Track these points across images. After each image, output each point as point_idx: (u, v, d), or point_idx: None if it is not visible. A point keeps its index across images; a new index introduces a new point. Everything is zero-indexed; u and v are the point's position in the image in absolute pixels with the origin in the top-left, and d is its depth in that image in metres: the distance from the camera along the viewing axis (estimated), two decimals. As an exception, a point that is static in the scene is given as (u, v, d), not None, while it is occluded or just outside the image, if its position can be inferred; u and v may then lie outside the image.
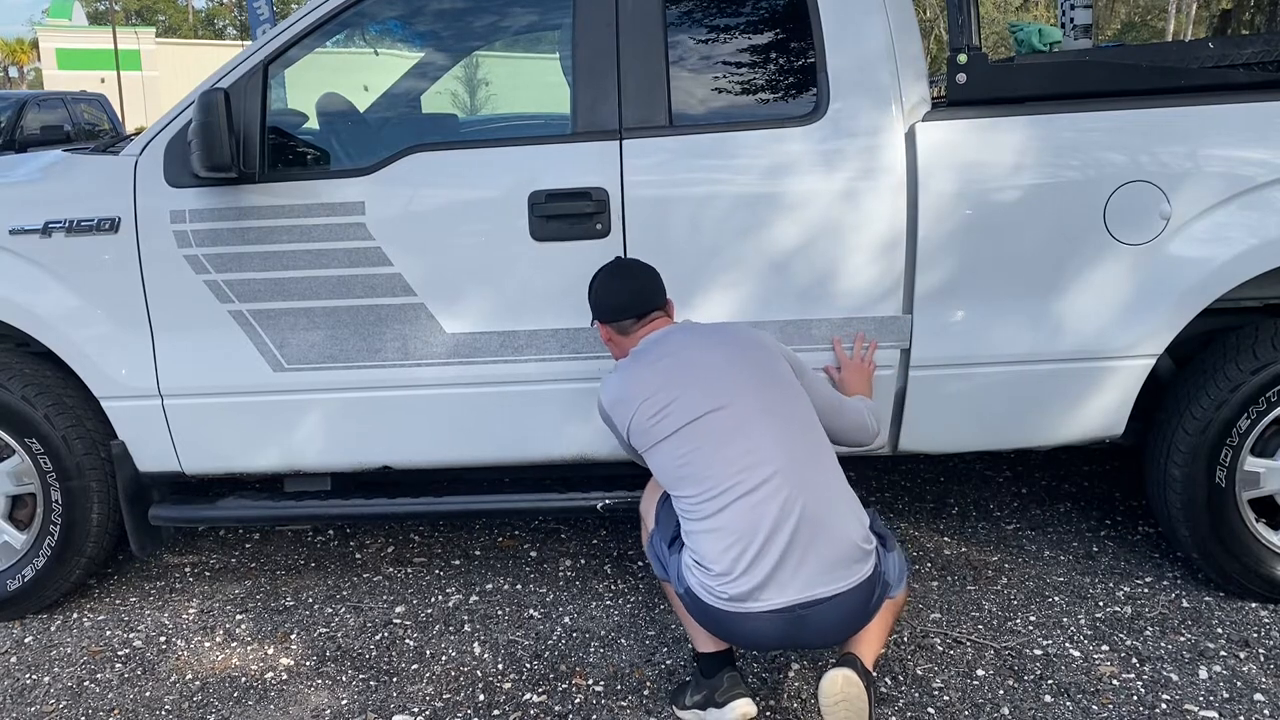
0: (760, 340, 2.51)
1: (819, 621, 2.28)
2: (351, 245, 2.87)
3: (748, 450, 2.29)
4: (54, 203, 2.95)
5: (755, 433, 2.31)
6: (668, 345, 2.48)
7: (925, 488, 3.94)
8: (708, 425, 2.33)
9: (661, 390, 2.38)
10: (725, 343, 2.47)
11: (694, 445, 2.33)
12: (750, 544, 2.24)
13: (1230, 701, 2.54)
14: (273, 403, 2.97)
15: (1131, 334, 2.82)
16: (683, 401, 2.35)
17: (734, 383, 2.38)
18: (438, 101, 3.94)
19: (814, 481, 2.31)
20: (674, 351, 2.45)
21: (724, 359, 2.42)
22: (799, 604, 2.25)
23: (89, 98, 15.25)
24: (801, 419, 2.40)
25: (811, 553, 2.25)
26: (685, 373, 2.40)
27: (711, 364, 2.41)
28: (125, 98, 31.75)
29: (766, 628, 2.30)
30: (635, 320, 2.56)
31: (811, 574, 2.25)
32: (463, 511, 3.20)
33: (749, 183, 2.84)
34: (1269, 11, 10.57)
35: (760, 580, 2.24)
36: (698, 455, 2.32)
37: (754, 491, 2.26)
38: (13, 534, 3.13)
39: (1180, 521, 2.94)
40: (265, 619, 3.13)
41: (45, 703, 2.73)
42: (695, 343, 2.48)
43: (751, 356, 2.45)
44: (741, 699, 2.38)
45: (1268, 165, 2.75)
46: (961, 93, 2.86)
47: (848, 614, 2.31)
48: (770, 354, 2.48)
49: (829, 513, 2.29)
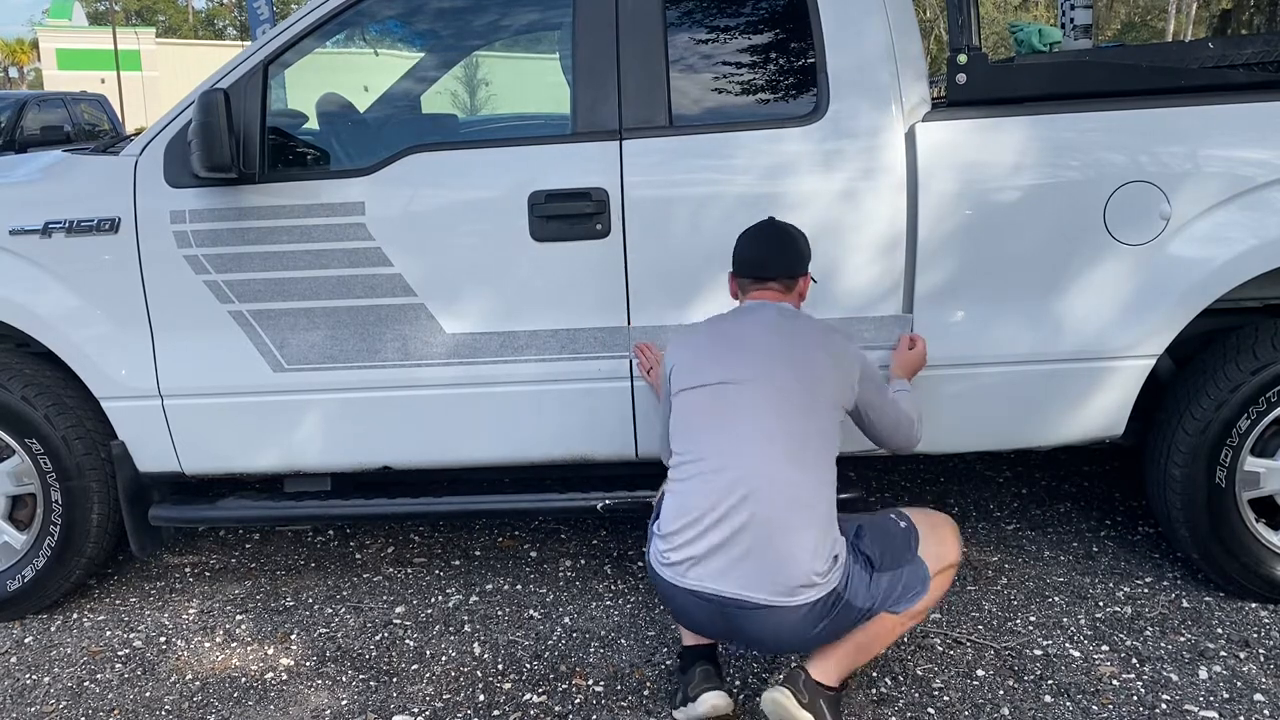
0: (824, 345, 2.46)
1: (751, 625, 2.28)
2: (351, 245, 2.87)
3: (734, 439, 2.32)
4: (54, 203, 2.95)
5: (749, 424, 2.33)
6: (744, 316, 2.54)
7: (925, 488, 3.94)
8: (718, 394, 2.38)
9: (710, 350, 2.47)
10: (785, 333, 2.46)
11: (701, 409, 2.40)
12: (699, 519, 2.28)
13: (1230, 702, 2.54)
14: (273, 403, 2.97)
15: (1131, 334, 2.82)
16: (713, 366, 2.43)
17: (760, 369, 2.39)
18: (437, 102, 3.94)
19: (784, 493, 2.27)
20: (742, 323, 2.51)
21: (770, 345, 2.44)
22: (729, 599, 2.25)
23: (89, 98, 15.26)
24: (803, 432, 2.35)
25: (753, 557, 2.24)
26: (733, 342, 2.47)
27: (756, 344, 2.44)
28: (125, 98, 31.75)
29: (700, 611, 2.32)
30: (752, 281, 2.59)
31: (746, 576, 2.24)
32: (463, 511, 3.20)
33: (749, 183, 2.84)
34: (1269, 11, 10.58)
35: (696, 554, 2.27)
36: (698, 420, 2.40)
37: (718, 474, 2.29)
38: (13, 534, 3.13)
39: (1180, 521, 2.94)
40: (265, 619, 3.13)
41: (45, 703, 2.73)
42: (763, 321, 2.49)
43: (798, 358, 2.41)
44: (711, 692, 2.38)
45: (1268, 165, 2.75)
46: (961, 93, 2.86)
47: (784, 630, 2.28)
48: (819, 366, 2.41)
49: (786, 529, 2.24)
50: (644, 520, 2.72)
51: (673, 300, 2.88)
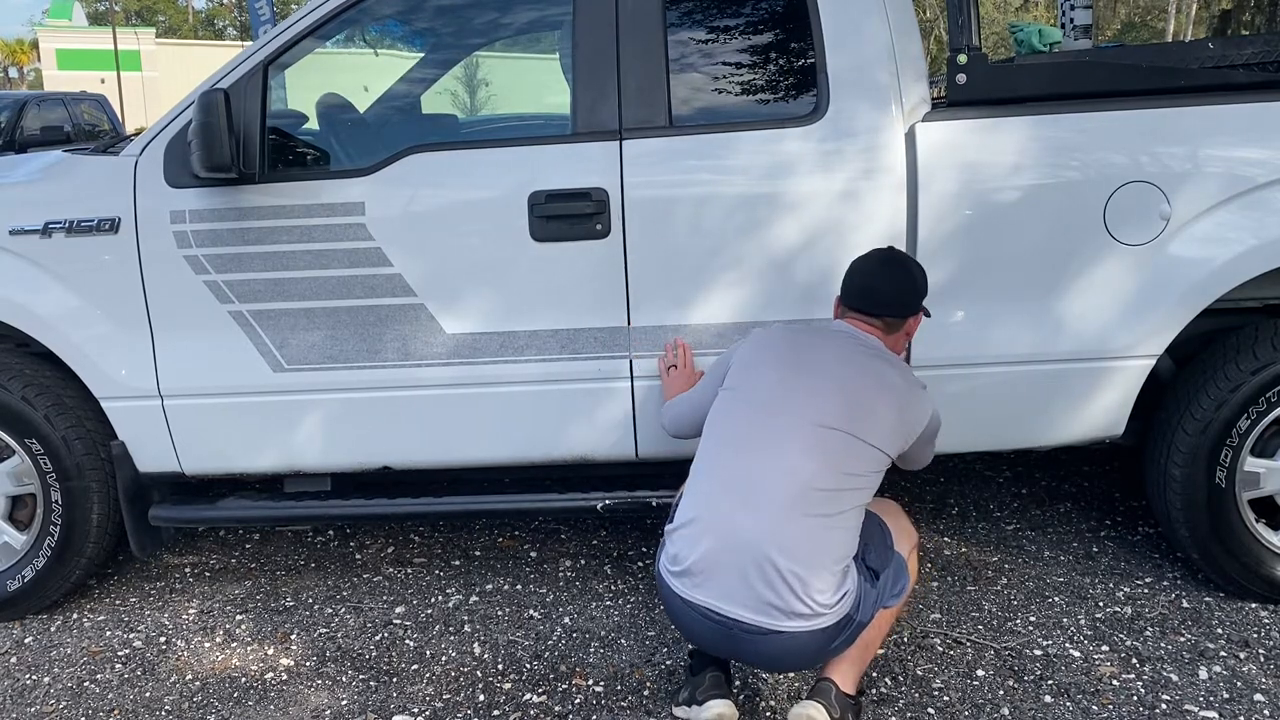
0: (897, 396, 2.40)
1: (760, 647, 2.25)
2: (351, 246, 2.87)
3: (762, 469, 2.28)
4: (54, 203, 2.95)
5: (780, 462, 2.28)
6: (827, 339, 2.49)
7: (925, 488, 3.94)
8: (761, 417, 2.37)
9: (777, 360, 2.46)
10: (855, 378, 2.39)
11: (742, 419, 2.39)
12: (708, 531, 2.27)
13: (1230, 702, 2.54)
14: (273, 403, 2.96)
15: (1131, 334, 2.82)
16: (771, 382, 2.41)
17: (810, 413, 2.32)
18: (437, 102, 3.94)
19: (794, 542, 2.21)
20: (820, 346, 2.47)
21: (831, 390, 2.36)
22: (739, 623, 2.22)
23: (89, 98, 15.27)
24: (831, 484, 2.28)
25: (761, 587, 2.20)
26: (800, 365, 2.43)
27: (818, 382, 2.37)
28: (125, 98, 31.74)
29: (705, 628, 2.28)
30: (856, 313, 2.55)
31: (760, 604, 2.21)
32: (463, 512, 3.20)
33: (749, 183, 2.83)
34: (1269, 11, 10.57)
35: (705, 570, 2.24)
36: (736, 428, 2.38)
37: (735, 496, 2.27)
38: (13, 534, 3.13)
39: (1180, 521, 2.94)
40: (265, 619, 3.13)
41: (45, 703, 2.73)
42: (839, 357, 2.43)
43: (859, 405, 2.35)
44: (719, 700, 2.35)
45: (1268, 165, 2.75)
46: (961, 93, 2.86)
47: (793, 653, 2.27)
48: (879, 418, 2.35)
49: (792, 573, 2.19)
50: (644, 520, 2.72)
51: (673, 300, 2.88)
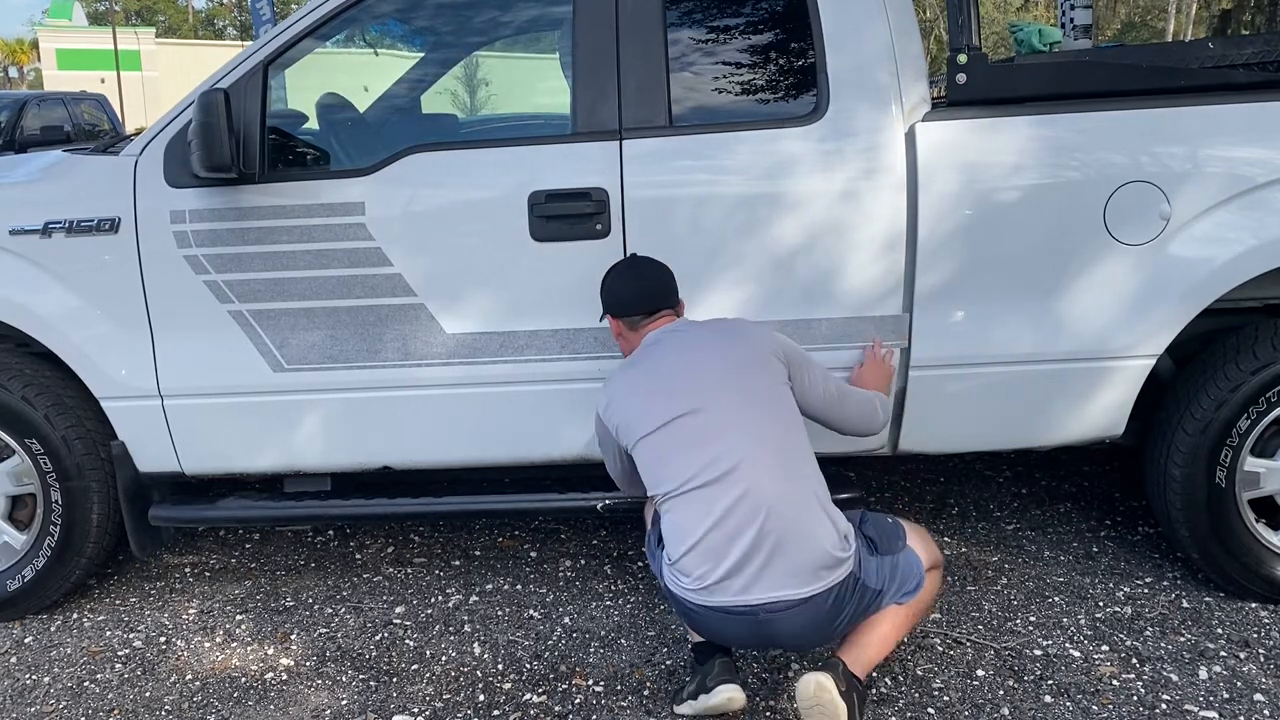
0: (753, 337, 2.53)
1: (785, 625, 2.30)
2: (351, 246, 2.87)
3: (717, 454, 2.32)
4: (54, 203, 2.95)
5: (728, 436, 2.34)
6: (664, 346, 2.54)
7: (925, 488, 3.94)
8: (683, 427, 2.38)
9: (646, 390, 2.47)
10: (715, 343, 2.50)
11: (670, 445, 2.39)
12: (711, 538, 2.28)
13: (1230, 702, 2.54)
14: (273, 403, 2.96)
15: (1131, 334, 2.82)
16: (664, 402, 2.42)
17: (715, 385, 2.42)
18: (437, 101, 3.94)
19: (785, 486, 2.32)
20: (666, 352, 2.52)
21: (710, 360, 2.46)
22: (762, 605, 2.27)
23: (89, 98, 15.26)
24: (780, 422, 2.42)
25: (778, 556, 2.26)
26: (671, 374, 2.47)
27: (697, 365, 2.46)
28: (125, 98, 31.74)
29: (732, 626, 2.33)
30: (643, 317, 2.62)
31: (777, 576, 2.26)
32: (463, 511, 3.20)
33: (749, 183, 2.83)
34: (1269, 11, 10.57)
35: (721, 575, 2.27)
36: (672, 454, 2.39)
37: (717, 489, 2.30)
38: (13, 534, 3.13)
39: (1180, 521, 2.94)
40: (265, 619, 3.13)
41: (45, 703, 2.73)
42: (688, 343, 2.52)
43: (739, 356, 2.47)
44: (728, 684, 2.40)
45: (1268, 165, 2.75)
46: (961, 93, 2.85)
47: (812, 624, 2.31)
48: (759, 354, 2.49)
49: (798, 517, 2.30)
50: (644, 520, 2.72)
51: (683, 300, 2.88)
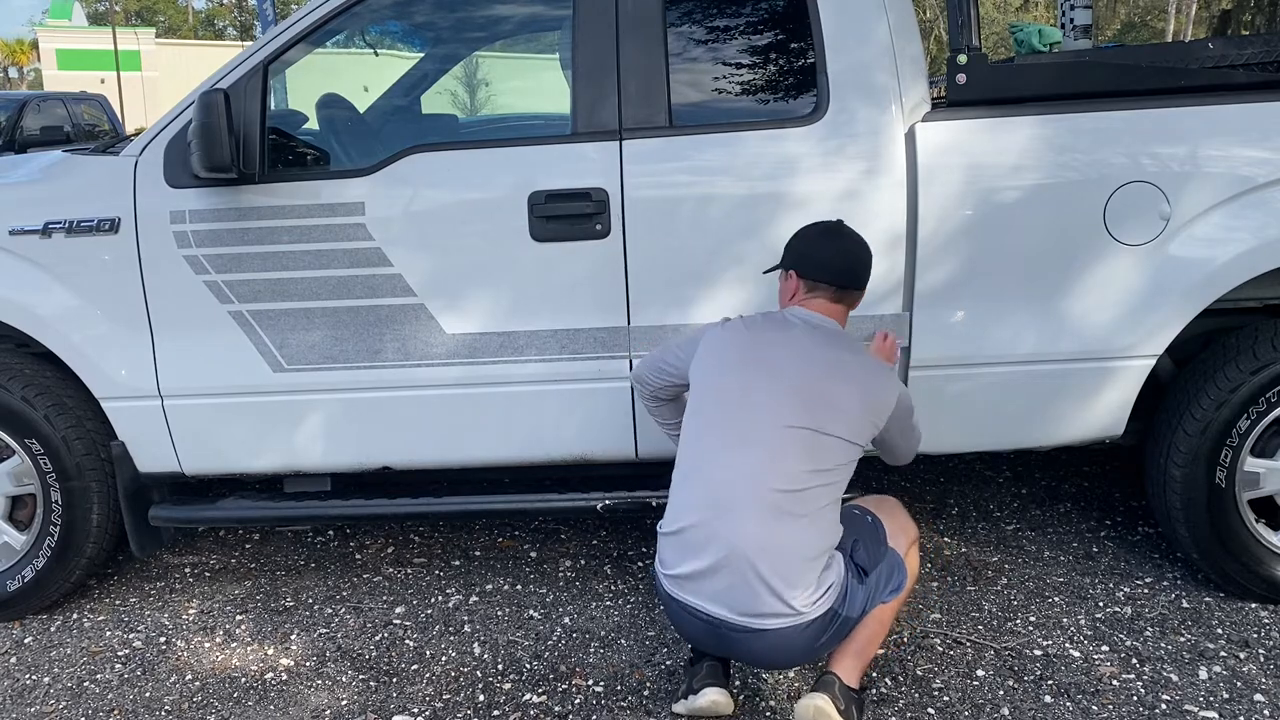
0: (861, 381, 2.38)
1: (748, 645, 2.28)
2: (351, 246, 2.87)
3: (733, 466, 2.29)
4: (54, 203, 2.95)
5: (752, 459, 2.28)
6: (794, 333, 2.43)
7: (925, 488, 3.94)
8: (734, 418, 2.35)
9: (745, 358, 2.42)
10: (830, 376, 2.36)
11: (713, 419, 2.38)
12: (690, 535, 2.29)
13: (1230, 702, 2.54)
14: (273, 403, 2.96)
15: (1131, 334, 2.82)
16: (742, 380, 2.38)
17: (787, 408, 2.30)
18: (437, 101, 3.94)
19: (768, 540, 2.22)
20: (790, 342, 2.41)
21: (809, 385, 2.33)
22: (724, 622, 2.25)
23: (89, 98, 15.26)
24: (803, 477, 2.27)
25: (740, 588, 2.22)
26: (773, 366, 2.38)
27: (796, 377, 2.35)
28: (125, 98, 31.72)
29: (697, 627, 2.32)
30: (835, 290, 2.48)
31: (736, 602, 2.23)
32: (463, 512, 3.20)
33: (749, 183, 2.83)
34: (1269, 11, 10.56)
35: (686, 572, 2.28)
36: (708, 431, 2.38)
37: (718, 492, 2.29)
38: (13, 534, 3.13)
39: (1180, 522, 2.94)
40: (265, 619, 3.13)
41: (45, 703, 2.73)
42: (811, 354, 2.39)
43: (818, 395, 2.33)
44: (713, 687, 2.39)
45: (1268, 165, 2.75)
46: (961, 93, 2.86)
47: (782, 649, 2.29)
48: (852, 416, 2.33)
49: (763, 574, 2.21)
50: (644, 520, 2.72)
51: (673, 300, 2.88)
